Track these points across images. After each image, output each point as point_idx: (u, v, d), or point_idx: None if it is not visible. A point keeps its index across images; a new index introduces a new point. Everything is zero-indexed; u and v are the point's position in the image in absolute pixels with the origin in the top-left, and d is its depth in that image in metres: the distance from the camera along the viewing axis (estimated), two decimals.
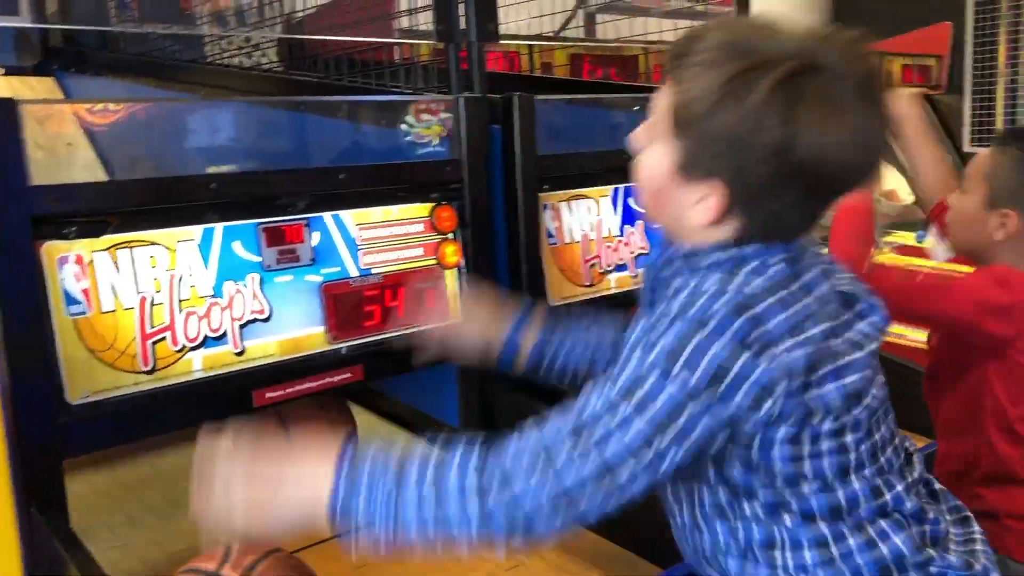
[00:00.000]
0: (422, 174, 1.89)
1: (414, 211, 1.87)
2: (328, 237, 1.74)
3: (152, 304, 1.52)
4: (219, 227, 1.60)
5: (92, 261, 1.46)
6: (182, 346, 1.55)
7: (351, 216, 1.78)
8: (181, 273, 1.55)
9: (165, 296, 1.53)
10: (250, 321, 1.63)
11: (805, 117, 0.97)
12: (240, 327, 1.62)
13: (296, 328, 1.68)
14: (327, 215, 1.75)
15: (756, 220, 1.05)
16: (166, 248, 1.54)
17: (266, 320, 1.65)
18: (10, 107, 1.37)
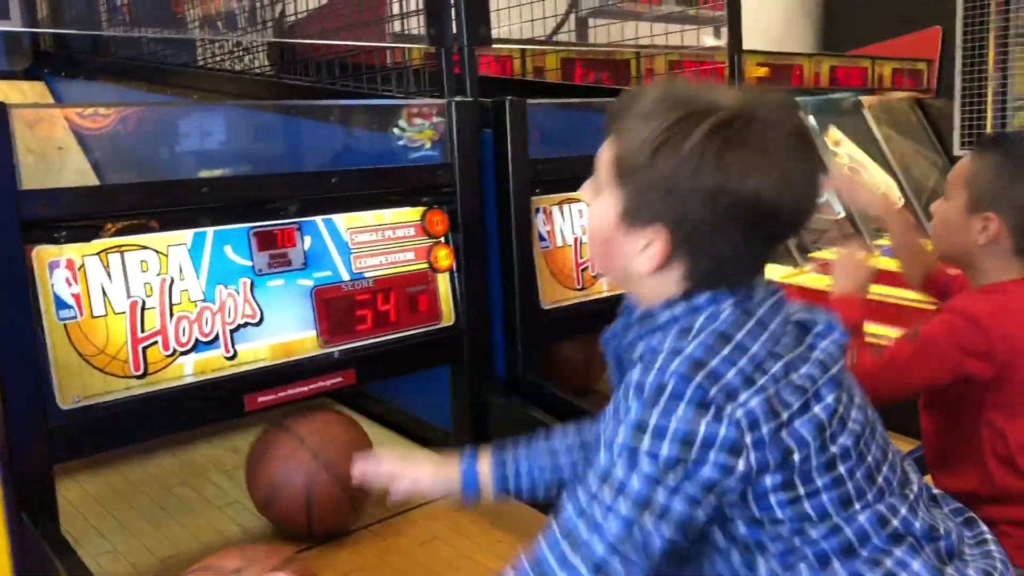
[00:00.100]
0: (414, 178, 1.90)
1: (406, 215, 1.88)
2: (320, 241, 1.74)
3: (143, 308, 1.51)
4: (210, 231, 1.60)
5: (83, 266, 1.46)
6: (173, 350, 1.55)
7: (343, 220, 1.78)
8: (172, 277, 1.55)
9: (156, 300, 1.53)
10: (241, 325, 1.63)
11: (739, 161, 1.00)
12: (231, 331, 1.61)
13: (288, 332, 1.68)
14: (319, 219, 1.75)
15: (702, 265, 1.07)
16: (157, 252, 1.54)
17: (258, 324, 1.65)
18: (0, 111, 1.37)
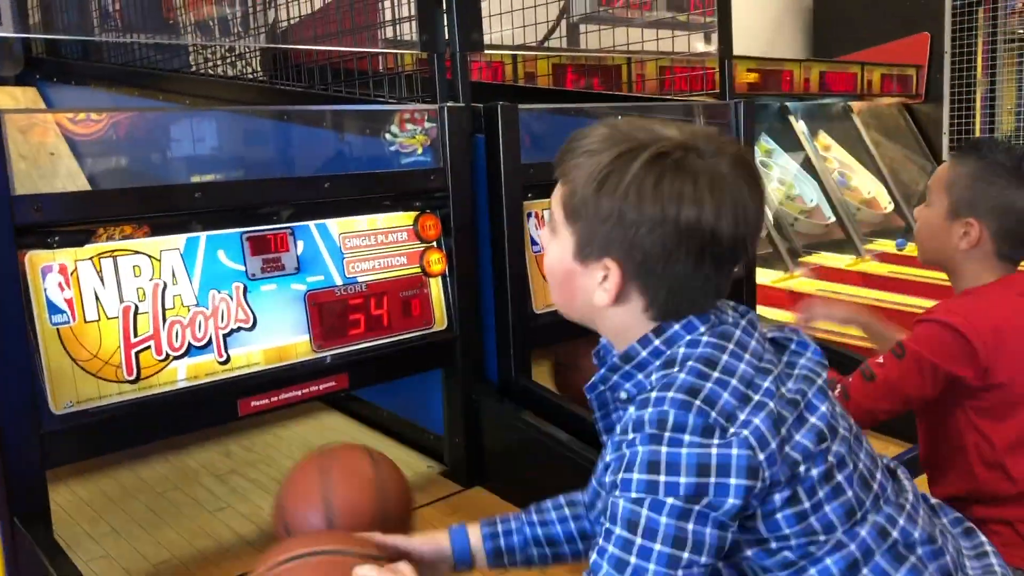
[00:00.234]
0: (407, 183, 1.90)
1: (398, 220, 1.88)
2: (313, 246, 1.75)
3: (136, 313, 1.51)
4: (203, 236, 1.60)
5: (76, 270, 1.46)
6: (166, 355, 1.55)
7: (336, 225, 1.78)
8: (165, 282, 1.55)
9: (149, 305, 1.53)
10: (235, 330, 1.63)
11: (680, 187, 1.02)
12: (225, 336, 1.62)
13: (281, 337, 1.69)
14: (312, 224, 1.75)
15: (659, 294, 1.08)
16: (150, 257, 1.54)
17: (251, 329, 1.65)
18: None
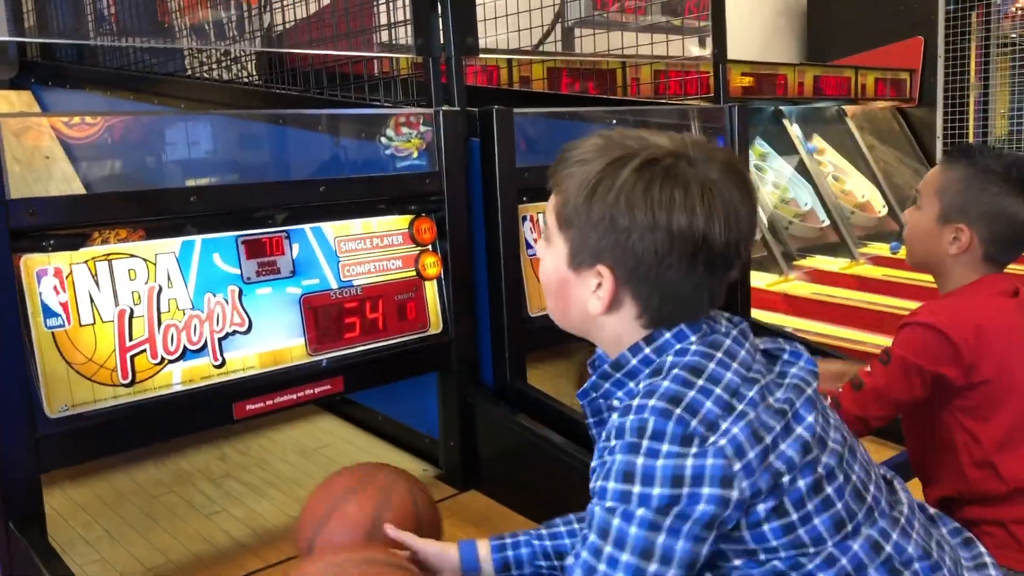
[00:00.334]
0: (402, 187, 1.91)
1: (394, 223, 1.89)
2: (308, 249, 1.75)
3: (131, 317, 1.52)
4: (199, 239, 1.60)
5: (71, 274, 1.46)
6: (161, 359, 1.55)
7: (331, 228, 1.79)
8: (160, 286, 1.55)
9: (144, 309, 1.53)
10: (230, 333, 1.63)
11: (671, 192, 1.03)
12: (220, 339, 1.62)
13: (276, 340, 1.69)
14: (307, 227, 1.75)
15: (652, 301, 1.09)
16: (145, 261, 1.54)
17: (246, 332, 1.65)
18: None
